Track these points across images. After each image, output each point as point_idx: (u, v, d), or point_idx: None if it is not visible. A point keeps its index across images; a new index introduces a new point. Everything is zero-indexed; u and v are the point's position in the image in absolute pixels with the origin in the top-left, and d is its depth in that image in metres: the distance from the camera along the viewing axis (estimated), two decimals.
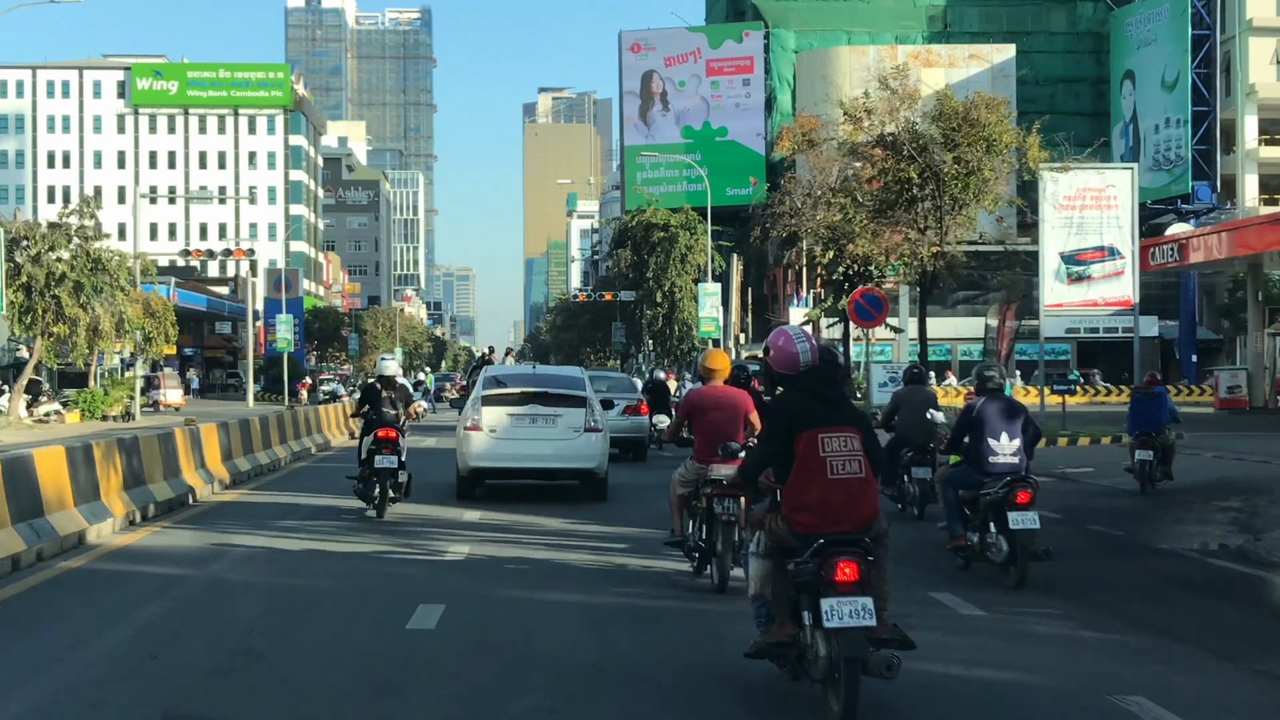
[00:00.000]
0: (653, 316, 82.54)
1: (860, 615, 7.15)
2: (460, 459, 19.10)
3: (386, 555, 13.88)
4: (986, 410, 12.45)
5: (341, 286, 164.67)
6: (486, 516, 17.29)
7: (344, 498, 18.64)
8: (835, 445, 7.51)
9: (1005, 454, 12.24)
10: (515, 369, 23.25)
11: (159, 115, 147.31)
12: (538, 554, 13.93)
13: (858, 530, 7.47)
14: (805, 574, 7.35)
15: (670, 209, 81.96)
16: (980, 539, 12.39)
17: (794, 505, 7.56)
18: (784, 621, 7.68)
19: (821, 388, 7.72)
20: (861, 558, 7.30)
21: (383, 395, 17.37)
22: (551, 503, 18.79)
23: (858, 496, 7.54)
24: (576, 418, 18.73)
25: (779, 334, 7.93)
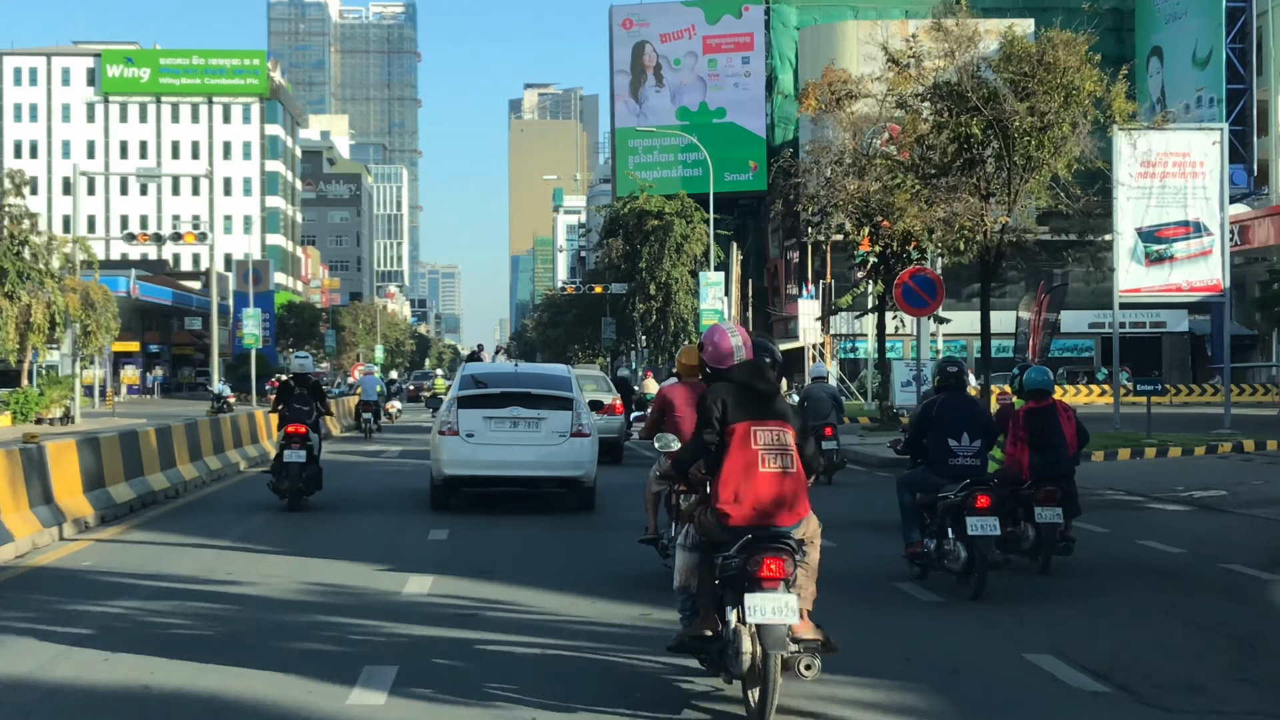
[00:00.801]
0: (645, 310, 76.58)
1: (783, 612, 7.06)
2: (434, 466, 17.66)
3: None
4: (946, 408, 11.77)
5: (320, 282, 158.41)
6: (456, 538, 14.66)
7: (242, 549, 13.61)
8: (767, 439, 7.46)
9: (965, 455, 11.60)
10: (495, 367, 21.52)
11: (130, 103, 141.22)
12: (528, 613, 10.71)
13: (786, 526, 7.44)
14: (731, 569, 7.31)
15: (664, 195, 75.95)
16: (937, 546, 11.66)
17: (724, 498, 7.45)
18: (708, 615, 7.59)
19: (754, 380, 7.62)
20: (789, 555, 7.26)
21: (296, 392, 17.98)
22: (534, 514, 17.38)
23: (787, 491, 7.46)
24: (562, 421, 17.24)
25: (713, 330, 7.91)
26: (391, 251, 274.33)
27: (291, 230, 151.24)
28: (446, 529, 15.60)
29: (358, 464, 26.94)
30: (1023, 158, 26.49)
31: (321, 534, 15.48)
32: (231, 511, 17.73)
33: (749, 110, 79.93)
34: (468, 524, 16.21)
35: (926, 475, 11.88)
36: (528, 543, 14.70)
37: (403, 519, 16.93)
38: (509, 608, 10.68)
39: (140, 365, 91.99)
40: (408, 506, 18.32)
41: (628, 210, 76.30)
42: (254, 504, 18.36)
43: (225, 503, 18.98)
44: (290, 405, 17.91)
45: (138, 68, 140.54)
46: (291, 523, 16.68)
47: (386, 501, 19.09)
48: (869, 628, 9.91)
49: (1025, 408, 12.90)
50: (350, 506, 18.45)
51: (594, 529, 16.02)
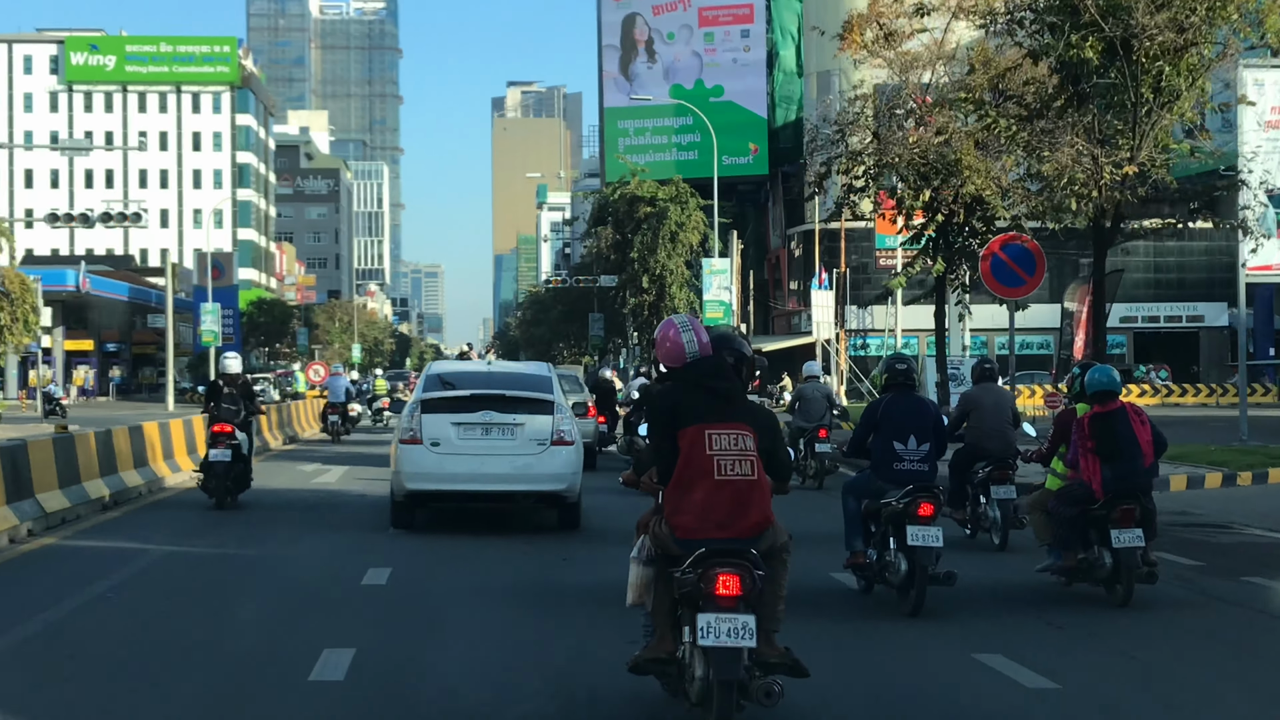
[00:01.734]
0: (637, 304, 70.12)
1: (740, 635, 6.46)
2: (394, 479, 15.44)
3: None
4: (892, 408, 10.95)
5: (296, 279, 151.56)
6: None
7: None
8: (724, 443, 6.81)
9: (912, 459, 10.77)
10: (464, 366, 18.69)
11: (95, 92, 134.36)
12: None
13: (744, 538, 6.75)
14: (686, 584, 6.64)
15: (657, 180, 69.47)
16: (879, 556, 10.80)
17: (675, 508, 6.83)
18: (664, 635, 6.93)
19: (711, 380, 6.99)
20: (745, 570, 6.57)
21: (224, 392, 17.85)
22: (508, 534, 15.22)
23: (746, 501, 6.78)
24: (542, 426, 15.17)
25: (666, 324, 7.35)
26: (372, 250, 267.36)
27: (265, 225, 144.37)
28: (390, 566, 12.60)
29: (306, 475, 24.02)
30: (1151, 89, 19.98)
31: (226, 584, 12.13)
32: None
33: (749, 88, 73.66)
34: (423, 553, 13.82)
35: (871, 480, 11.03)
36: (494, 589, 11.55)
37: (344, 546, 14.32)
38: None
39: (95, 365, 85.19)
40: (357, 525, 16.14)
41: (618, 196, 69.84)
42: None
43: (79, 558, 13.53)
44: (219, 405, 17.78)
45: (103, 55, 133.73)
46: (190, 569, 13.00)
47: (334, 520, 16.88)
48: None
49: (1091, 413, 11.12)
50: (286, 527, 16.27)
51: (582, 558, 13.43)
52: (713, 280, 49.63)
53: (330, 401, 35.65)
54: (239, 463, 17.59)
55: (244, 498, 18.14)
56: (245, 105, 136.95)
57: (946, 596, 10.75)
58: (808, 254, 68.63)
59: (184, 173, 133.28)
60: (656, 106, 72.38)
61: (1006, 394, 14.91)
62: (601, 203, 71.36)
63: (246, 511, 17.45)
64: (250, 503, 18.13)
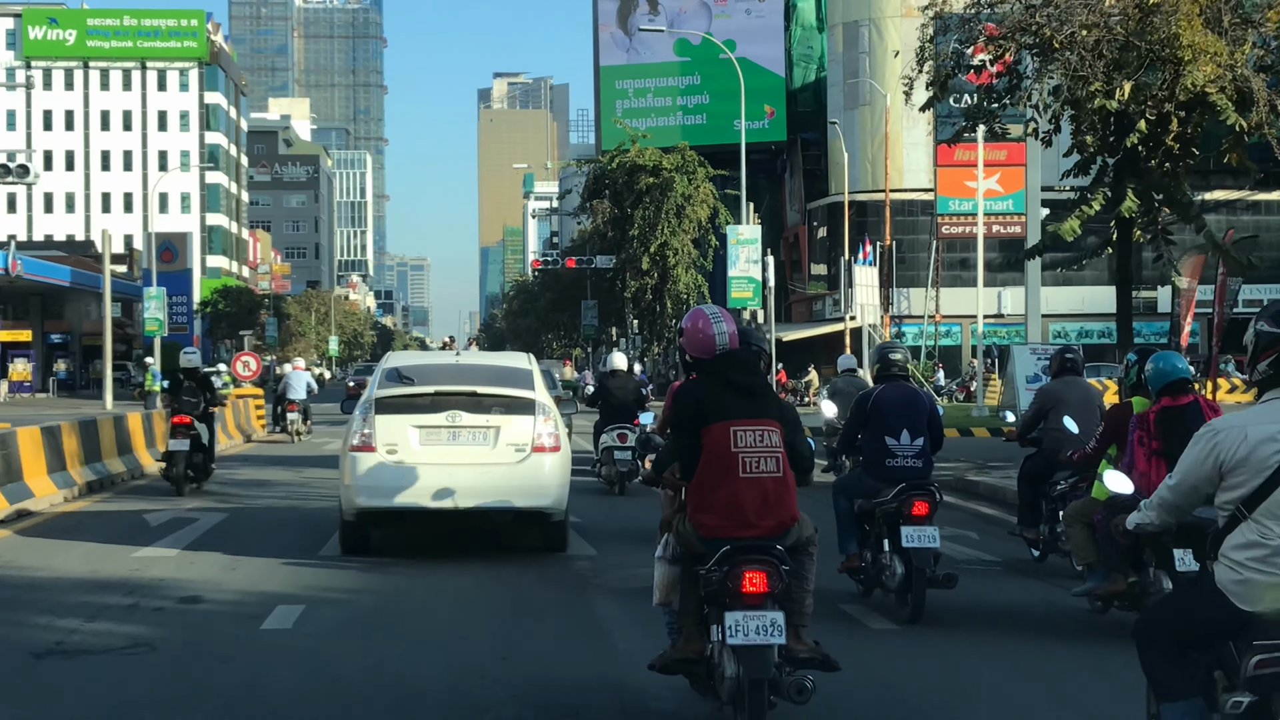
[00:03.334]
0: (638, 289, 60.85)
1: (769, 632, 6.23)
2: (344, 494, 12.61)
3: None
4: (884, 401, 10.10)
5: (270, 267, 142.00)
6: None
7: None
8: (750, 439, 6.56)
9: (906, 454, 9.98)
10: (428, 357, 15.50)
11: (54, 69, 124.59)
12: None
13: (770, 535, 6.51)
14: (712, 583, 6.40)
15: (661, 148, 60.21)
16: (873, 559, 10.06)
17: (699, 506, 6.58)
18: (691, 635, 6.75)
19: (737, 374, 6.72)
20: (773, 567, 6.35)
21: (185, 384, 18.56)
22: (480, 559, 12.50)
23: (773, 498, 6.56)
24: (521, 430, 12.45)
25: (696, 314, 6.95)
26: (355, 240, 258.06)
27: (236, 210, 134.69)
28: (303, 604, 10.04)
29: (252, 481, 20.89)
30: None
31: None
32: None
33: (764, 43, 64.47)
34: (358, 591, 10.83)
35: (863, 478, 10.17)
36: (449, 655, 8.58)
37: (261, 579, 11.31)
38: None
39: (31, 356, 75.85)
40: (287, 548, 12.99)
41: (616, 166, 60.49)
42: None
43: None
44: (179, 398, 18.47)
45: (63, 29, 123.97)
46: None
47: (261, 537, 13.90)
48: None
49: (1158, 407, 8.81)
50: (209, 545, 13.34)
51: (573, 596, 10.61)
52: (739, 252, 40.52)
53: (288, 398, 31.94)
54: (198, 452, 18.33)
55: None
56: (215, 83, 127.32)
57: (982, 617, 9.72)
58: (833, 231, 59.57)
59: (149, 154, 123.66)
60: (659, 64, 63.33)
61: (1094, 390, 12.38)
62: (598, 173, 62.03)
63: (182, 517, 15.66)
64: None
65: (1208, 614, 5.15)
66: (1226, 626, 5.08)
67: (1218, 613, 5.09)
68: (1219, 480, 5.11)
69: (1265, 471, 4.96)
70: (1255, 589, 4.98)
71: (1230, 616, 5.05)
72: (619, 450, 18.36)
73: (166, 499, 17.53)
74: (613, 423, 18.49)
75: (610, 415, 18.65)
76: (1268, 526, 4.98)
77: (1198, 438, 5.18)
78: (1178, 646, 5.22)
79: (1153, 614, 5.62)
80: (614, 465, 18.34)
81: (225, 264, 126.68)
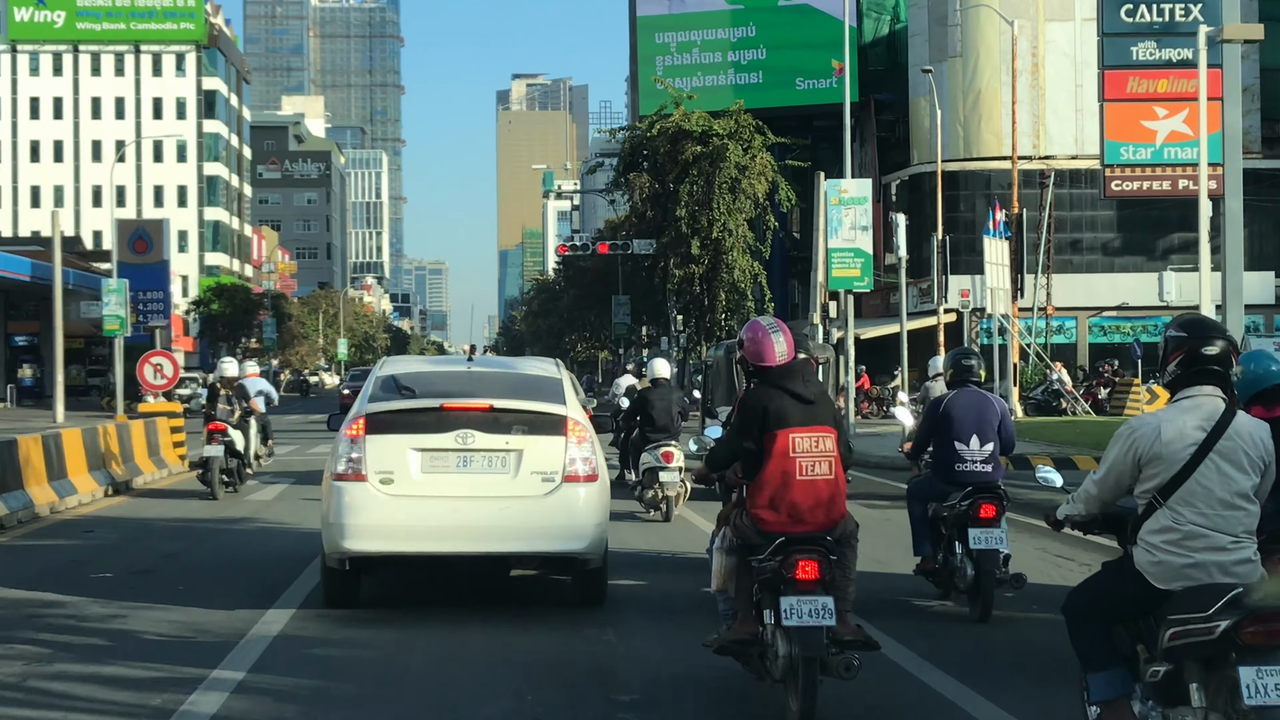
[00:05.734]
0: (683, 278, 50.10)
1: (820, 615, 6.82)
2: (326, 534, 10.19)
3: None
4: (956, 407, 10.28)
5: (275, 266, 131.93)
6: None
7: None
8: (806, 445, 7.23)
9: (975, 459, 10.20)
10: (432, 363, 12.64)
11: (42, 53, 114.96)
12: None
13: (821, 530, 7.16)
14: (766, 571, 7.02)
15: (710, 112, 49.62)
16: (945, 562, 10.29)
17: (759, 503, 7.21)
18: (746, 618, 7.32)
19: (795, 384, 7.31)
20: (823, 556, 6.97)
21: (221, 394, 19.33)
22: (494, 618, 10.05)
23: (825, 498, 7.22)
24: (550, 454, 10.12)
25: (754, 326, 7.49)
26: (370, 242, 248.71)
27: (238, 204, 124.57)
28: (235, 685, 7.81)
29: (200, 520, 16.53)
30: None
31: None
32: None
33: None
34: (327, 661, 8.65)
35: (934, 483, 10.39)
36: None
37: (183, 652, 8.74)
38: None
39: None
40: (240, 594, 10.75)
41: (657, 132, 49.82)
42: None
43: None
44: (215, 406, 19.23)
45: (51, 10, 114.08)
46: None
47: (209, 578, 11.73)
48: None
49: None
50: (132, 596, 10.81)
51: (614, 666, 8.59)
52: (843, 216, 30.35)
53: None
54: (234, 458, 19.09)
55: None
56: (214, 67, 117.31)
57: None
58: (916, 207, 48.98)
59: (143, 144, 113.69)
60: (707, 14, 53.10)
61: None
62: (635, 141, 51.45)
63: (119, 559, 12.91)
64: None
65: (1128, 591, 5.82)
66: (1145, 604, 5.76)
67: (1137, 590, 5.76)
68: (1138, 473, 5.71)
69: (1177, 464, 5.57)
70: (1169, 569, 5.62)
71: (1148, 594, 5.73)
72: (664, 471, 16.19)
73: (203, 502, 18.09)
74: (654, 439, 16.64)
75: (651, 431, 16.88)
76: (1180, 513, 5.61)
77: (1118, 436, 5.76)
78: (1102, 622, 5.97)
79: (1080, 593, 6.18)
80: (659, 488, 16.12)
81: (225, 261, 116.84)
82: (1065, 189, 47.88)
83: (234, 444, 19.05)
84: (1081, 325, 47.63)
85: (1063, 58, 48.09)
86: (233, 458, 19.11)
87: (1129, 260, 48.61)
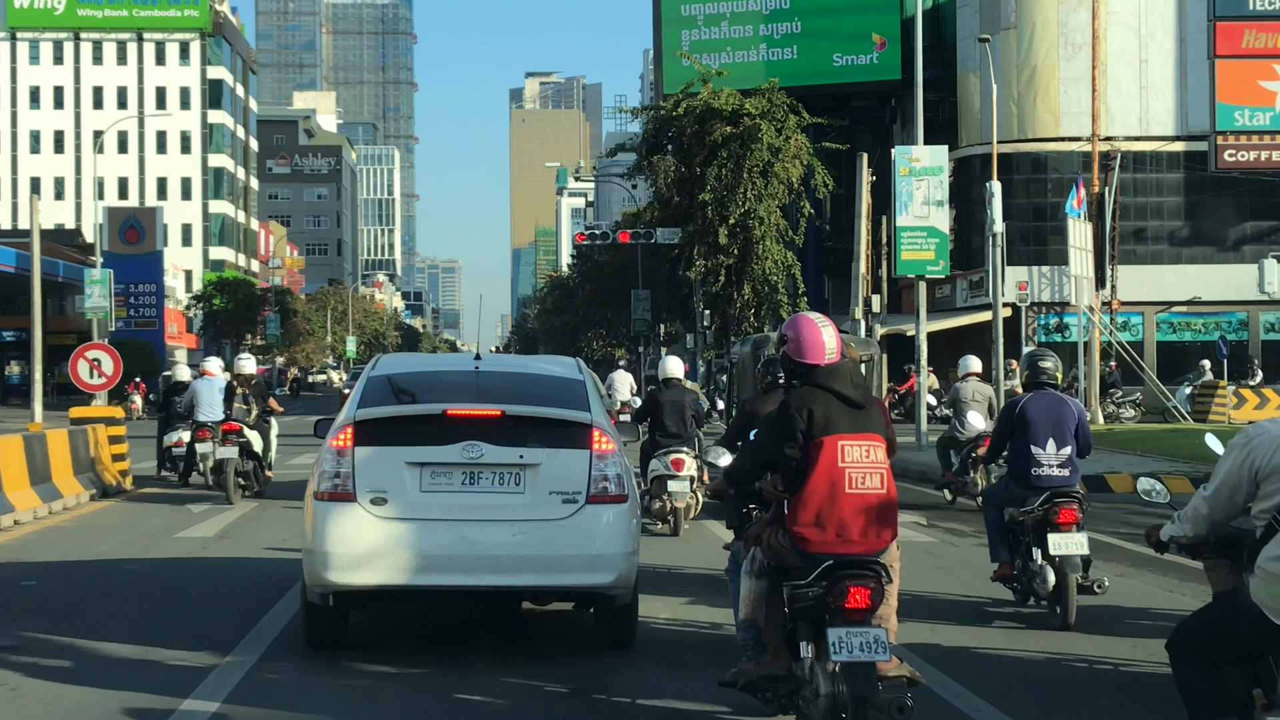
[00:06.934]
0: (711, 269, 45.80)
1: (873, 649, 5.99)
2: (307, 563, 8.63)
3: None
4: (1032, 409, 9.86)
5: (282, 261, 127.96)
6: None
7: None
8: (857, 455, 6.37)
9: (1052, 463, 9.77)
10: (435, 360, 11.00)
11: (42, 41, 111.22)
12: None
13: (872, 552, 6.31)
14: (807, 599, 6.20)
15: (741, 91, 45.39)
16: (1024, 567, 9.93)
17: (802, 520, 6.31)
18: (778, 651, 6.53)
19: (845, 386, 6.47)
20: (877, 583, 6.14)
21: (238, 392, 18.26)
22: (514, 660, 8.72)
23: (877, 515, 6.34)
24: (572, 469, 8.64)
25: (803, 321, 6.72)
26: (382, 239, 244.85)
27: (244, 198, 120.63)
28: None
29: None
30: None
31: None
32: None
33: None
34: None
35: (1010, 487, 10.01)
36: None
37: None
38: None
39: None
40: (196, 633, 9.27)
41: (683, 112, 45.54)
42: None
43: None
44: (230, 404, 18.27)
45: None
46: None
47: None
48: None
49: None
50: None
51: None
52: (914, 189, 26.04)
53: (200, 421, 19.55)
54: (250, 460, 17.98)
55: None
56: (219, 56, 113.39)
57: None
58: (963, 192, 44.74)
59: (145, 134, 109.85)
60: None
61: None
62: (659, 122, 47.19)
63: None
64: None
65: (1243, 627, 4.98)
66: (1263, 642, 4.96)
67: (1254, 627, 4.92)
68: (1255, 489, 4.92)
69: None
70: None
71: (1266, 631, 4.90)
72: (674, 480, 14.72)
73: (217, 505, 17.03)
74: (665, 445, 15.02)
75: (662, 435, 15.19)
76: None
77: (1232, 445, 5.04)
78: (1212, 662, 5.12)
79: (1187, 627, 5.46)
80: (667, 499, 14.61)
81: (231, 256, 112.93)
82: (1129, 173, 43.61)
83: (250, 445, 18.01)
84: (1148, 322, 43.32)
85: (1126, 30, 43.81)
86: (249, 460, 18.08)
87: (1198, 250, 44.32)
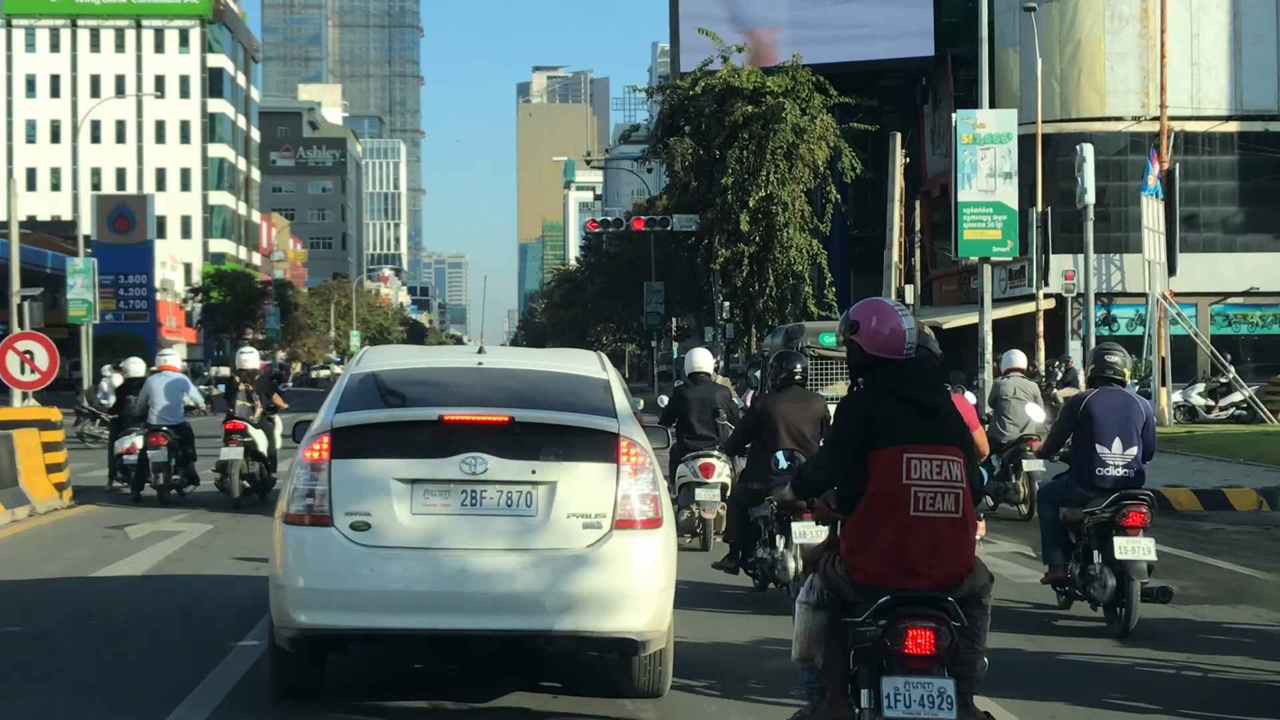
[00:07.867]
0: (731, 258, 42.82)
1: (936, 704, 4.93)
2: (275, 602, 6.92)
3: None
4: (1098, 406, 9.23)
5: (284, 254, 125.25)
6: None
7: None
8: (926, 471, 5.17)
9: (1117, 463, 9.16)
10: (430, 355, 8.93)
11: (38, 28, 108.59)
12: None
13: (940, 587, 5.10)
14: (865, 639, 5.11)
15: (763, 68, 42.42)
16: (1081, 570, 9.29)
17: (856, 545, 5.20)
18: (836, 699, 5.34)
19: (917, 388, 5.29)
20: (943, 624, 5.02)
21: (240, 389, 17.16)
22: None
23: (948, 543, 5.12)
24: (595, 489, 6.91)
25: (877, 306, 5.45)
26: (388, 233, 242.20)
27: (245, 189, 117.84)
28: None
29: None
30: None
31: None
32: None
33: None
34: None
35: (1071, 487, 9.41)
36: None
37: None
38: None
39: None
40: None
41: (701, 90, 42.55)
42: None
43: None
44: (233, 402, 17.12)
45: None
46: None
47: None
48: None
49: None
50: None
51: None
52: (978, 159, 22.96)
53: (153, 425, 17.34)
54: (255, 461, 16.89)
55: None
56: (220, 44, 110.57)
57: None
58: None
59: (144, 123, 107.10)
60: None
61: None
62: (676, 102, 44.25)
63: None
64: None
65: None
66: None
67: None
68: None
69: None
70: None
71: None
72: (702, 488, 12.98)
73: (223, 512, 15.79)
74: (693, 448, 13.19)
75: (690, 437, 13.32)
76: None
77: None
78: None
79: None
80: (695, 508, 12.95)
81: (231, 249, 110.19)
82: (1179, 154, 40.63)
83: (255, 445, 16.83)
84: (1202, 313, 40.29)
85: (1176, 2, 40.87)
86: (255, 461, 16.88)
87: (1253, 239, 41.34)
